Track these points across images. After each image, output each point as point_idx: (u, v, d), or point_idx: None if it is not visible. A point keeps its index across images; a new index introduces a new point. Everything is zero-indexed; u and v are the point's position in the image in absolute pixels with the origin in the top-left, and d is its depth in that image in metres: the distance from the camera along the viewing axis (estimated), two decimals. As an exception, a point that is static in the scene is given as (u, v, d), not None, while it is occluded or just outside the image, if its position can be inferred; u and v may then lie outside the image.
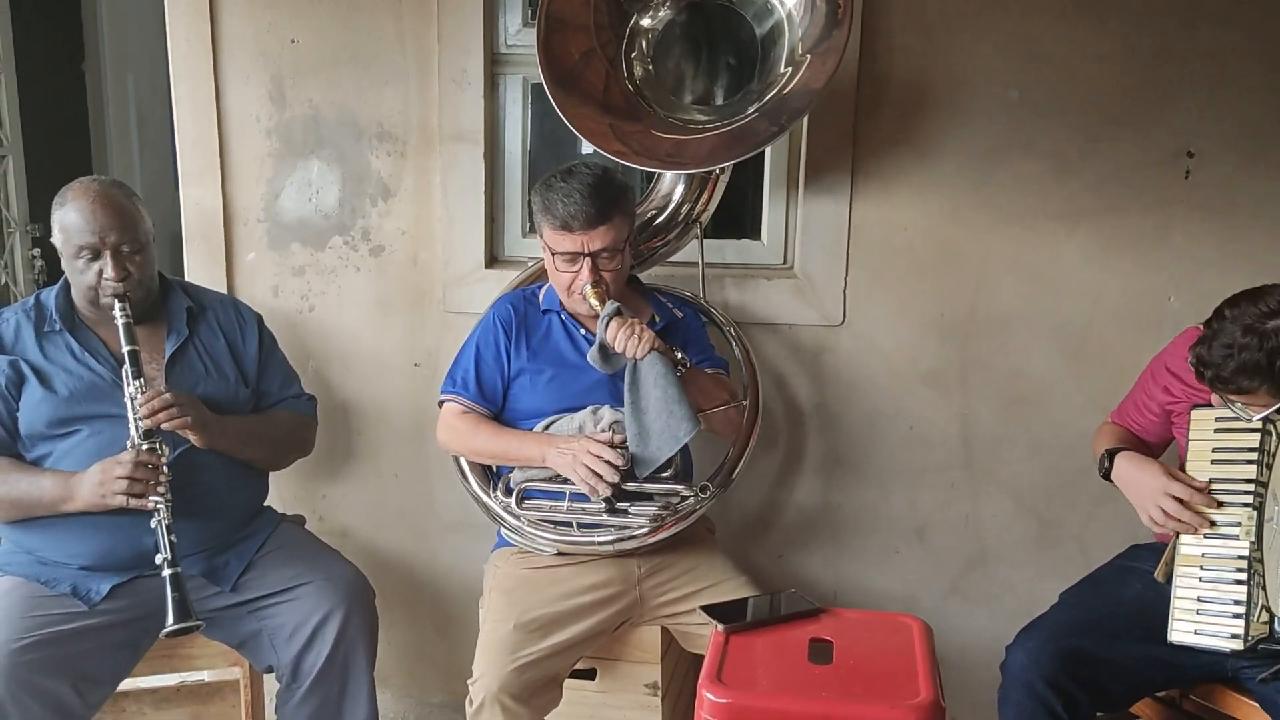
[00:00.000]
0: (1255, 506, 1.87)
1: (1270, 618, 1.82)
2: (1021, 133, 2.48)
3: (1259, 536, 1.86)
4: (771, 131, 2.16)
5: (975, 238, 2.54)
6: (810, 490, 2.70)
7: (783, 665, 1.75)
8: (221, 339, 2.31)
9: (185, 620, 1.93)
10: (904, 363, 2.62)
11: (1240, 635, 1.84)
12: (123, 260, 2.13)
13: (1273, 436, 1.87)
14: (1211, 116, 2.44)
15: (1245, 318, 1.80)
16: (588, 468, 2.05)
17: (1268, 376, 1.80)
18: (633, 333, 2.06)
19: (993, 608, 2.67)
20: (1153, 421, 2.19)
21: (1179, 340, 2.15)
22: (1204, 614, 1.89)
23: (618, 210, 2.13)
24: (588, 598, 2.13)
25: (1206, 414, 1.96)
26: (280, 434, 2.35)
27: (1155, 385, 2.16)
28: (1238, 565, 1.87)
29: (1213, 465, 1.94)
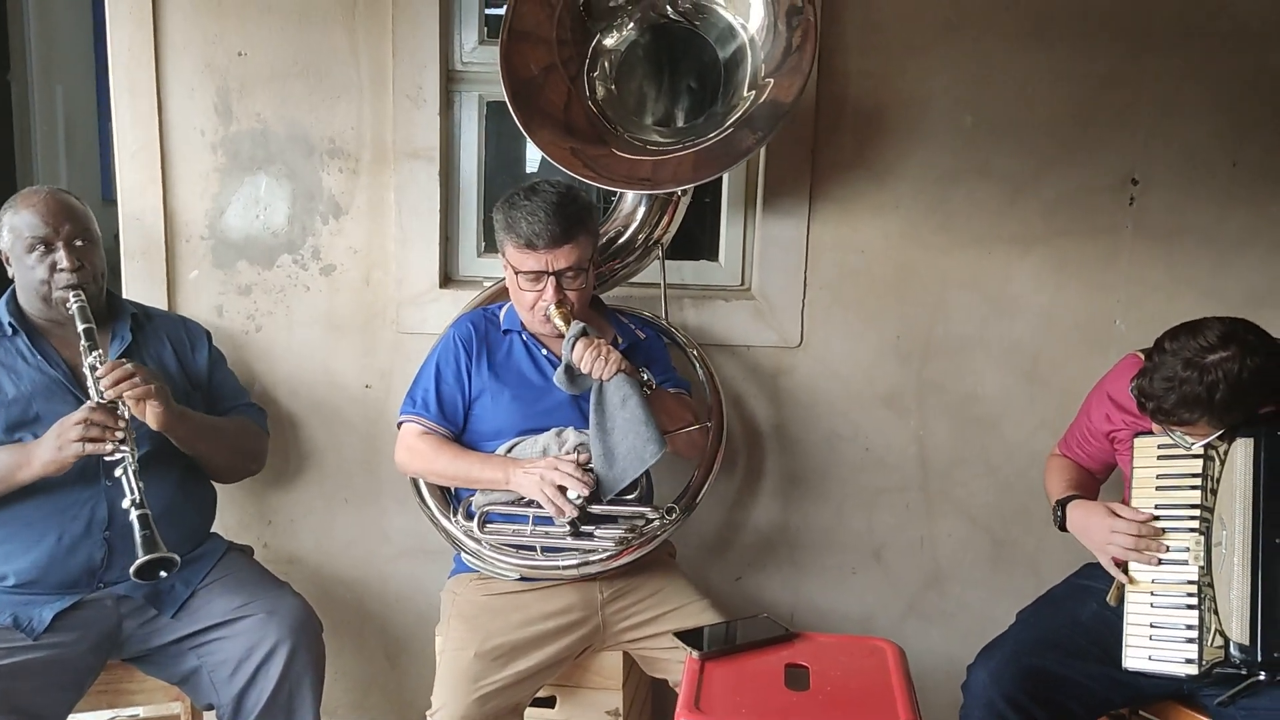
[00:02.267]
0: (1202, 532, 1.90)
1: (1225, 641, 1.84)
2: (976, 157, 2.51)
3: (1208, 561, 1.89)
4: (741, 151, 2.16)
5: (932, 260, 2.56)
6: (768, 512, 2.69)
7: (760, 691, 1.73)
8: (169, 347, 2.29)
9: (153, 552, 1.86)
10: (861, 384, 2.63)
11: (1194, 660, 1.87)
12: (76, 252, 2.12)
13: (1215, 462, 1.90)
14: (1157, 143, 2.50)
15: (1185, 351, 1.83)
16: (556, 487, 2.02)
17: (1208, 409, 1.83)
18: (600, 354, 2.03)
19: (948, 627, 2.68)
20: (1098, 450, 2.22)
21: (1119, 368, 2.19)
22: (1157, 640, 1.92)
23: (582, 229, 2.10)
24: (551, 624, 2.09)
25: (1149, 441, 2.00)
26: (235, 434, 2.31)
27: (1097, 414, 2.19)
28: (1188, 590, 1.90)
29: (1158, 492, 1.97)
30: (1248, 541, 1.84)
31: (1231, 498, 1.87)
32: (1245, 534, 1.84)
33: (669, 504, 2.16)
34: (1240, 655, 1.82)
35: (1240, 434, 1.88)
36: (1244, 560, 1.84)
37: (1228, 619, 1.85)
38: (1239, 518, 1.85)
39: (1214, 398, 1.80)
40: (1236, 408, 1.82)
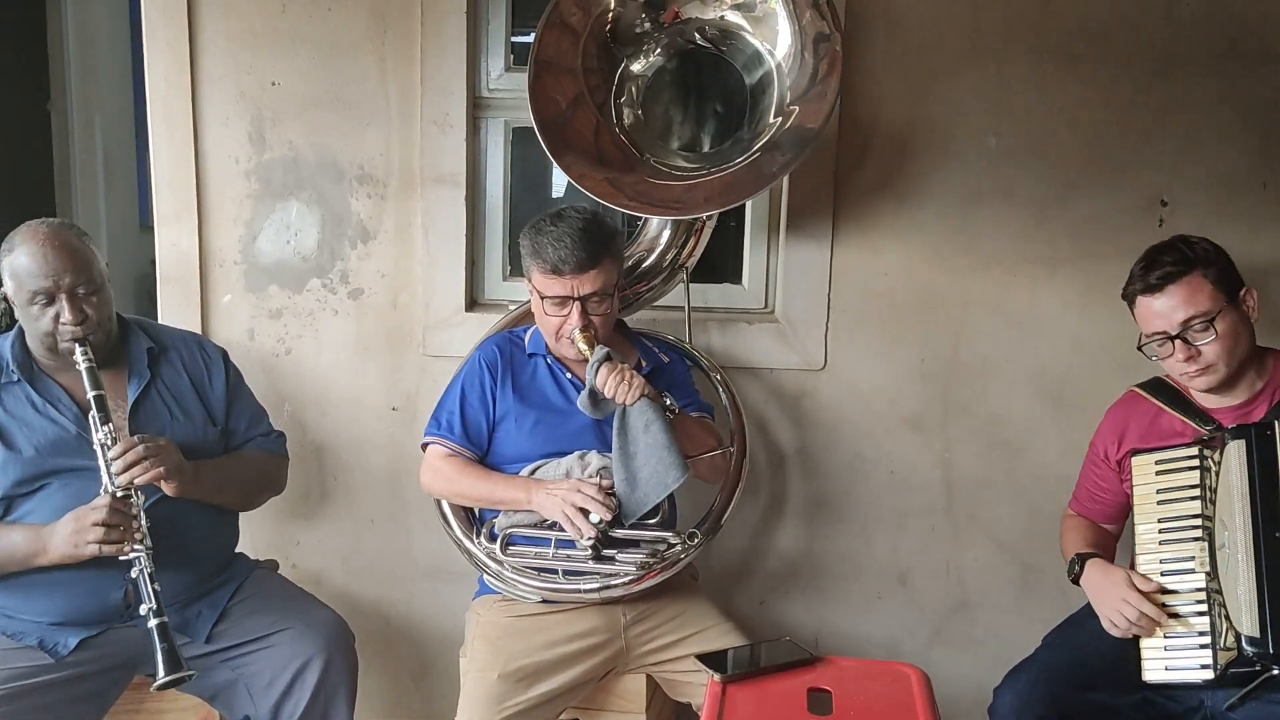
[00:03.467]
0: (1205, 539, 1.91)
1: (1237, 638, 1.84)
2: (1000, 179, 2.51)
3: (1214, 565, 1.90)
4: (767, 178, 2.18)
5: (955, 282, 2.56)
6: (792, 536, 2.68)
7: (782, 715, 1.73)
8: (186, 378, 2.23)
9: (176, 671, 1.85)
10: (885, 406, 2.62)
11: (1210, 665, 1.86)
12: (79, 302, 2.03)
13: (1211, 472, 1.93)
14: (1184, 165, 2.50)
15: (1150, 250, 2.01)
16: (576, 508, 2.03)
17: (1178, 253, 1.96)
18: (623, 378, 2.05)
19: (976, 654, 2.66)
20: (1108, 495, 2.20)
21: (1117, 403, 2.21)
22: (1171, 649, 1.92)
23: (608, 254, 2.12)
24: (574, 646, 2.09)
25: (1145, 459, 2.02)
26: (252, 474, 2.29)
27: (1100, 453, 2.19)
28: (1197, 598, 1.91)
29: (1159, 506, 1.99)
30: (1250, 539, 1.85)
31: (1230, 499, 1.89)
32: (1247, 532, 1.85)
33: (691, 529, 2.16)
34: (1252, 649, 1.82)
35: (1231, 436, 1.90)
36: (1248, 557, 1.85)
37: (1238, 616, 1.85)
38: (1239, 517, 1.87)
39: (1178, 243, 1.98)
40: (1203, 251, 1.97)
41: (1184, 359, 1.96)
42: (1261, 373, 2.02)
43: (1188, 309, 1.94)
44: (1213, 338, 1.93)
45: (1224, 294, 1.95)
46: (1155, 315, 1.97)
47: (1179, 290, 1.94)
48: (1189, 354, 1.96)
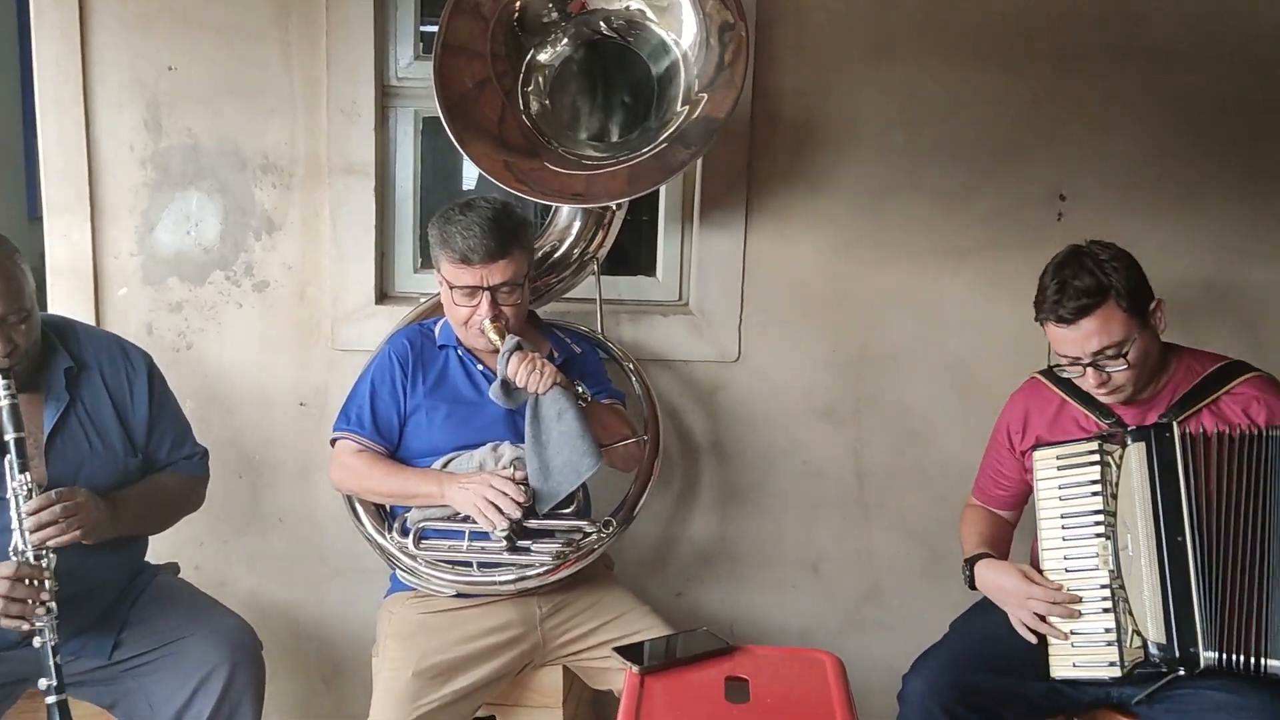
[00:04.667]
0: (1108, 537, 1.93)
1: (1143, 641, 1.88)
2: (909, 172, 2.56)
3: (1117, 565, 1.91)
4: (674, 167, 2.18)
5: (866, 274, 2.60)
6: (706, 525, 2.69)
7: (700, 705, 1.72)
8: (107, 401, 2.05)
9: None
10: (798, 398, 2.65)
11: (1117, 662, 1.89)
12: (8, 331, 1.84)
13: (1112, 468, 1.94)
14: (1083, 159, 2.56)
15: (1057, 259, 1.98)
16: (489, 501, 2.00)
17: (1100, 289, 1.90)
18: (535, 367, 2.03)
19: (887, 639, 2.70)
20: (1007, 486, 2.24)
21: (1020, 390, 2.23)
22: (1079, 646, 1.94)
23: (517, 244, 2.10)
24: (489, 640, 2.07)
25: (1047, 453, 2.02)
26: (172, 501, 2.16)
27: (1004, 441, 2.22)
28: (1103, 595, 1.92)
29: (1061, 502, 1.99)
30: (1152, 543, 1.88)
31: (1131, 501, 1.91)
32: (1149, 536, 1.88)
33: (606, 517, 2.16)
34: (1159, 654, 1.86)
35: (1132, 439, 1.93)
36: (1151, 561, 1.88)
37: (1143, 619, 1.88)
38: (1141, 521, 1.90)
39: (1090, 266, 1.92)
40: (1115, 275, 1.91)
41: (1095, 384, 1.97)
42: (1164, 371, 2.04)
43: (1100, 340, 1.92)
44: (1124, 366, 1.93)
45: (1136, 319, 1.93)
46: (1067, 343, 1.96)
47: (1091, 323, 1.92)
48: (1100, 379, 1.96)
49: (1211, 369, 2.03)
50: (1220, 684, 1.85)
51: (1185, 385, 2.02)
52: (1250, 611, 1.83)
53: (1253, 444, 1.88)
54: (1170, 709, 1.90)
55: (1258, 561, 1.84)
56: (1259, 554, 1.84)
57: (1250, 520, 1.85)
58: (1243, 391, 1.99)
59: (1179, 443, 1.90)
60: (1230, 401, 1.99)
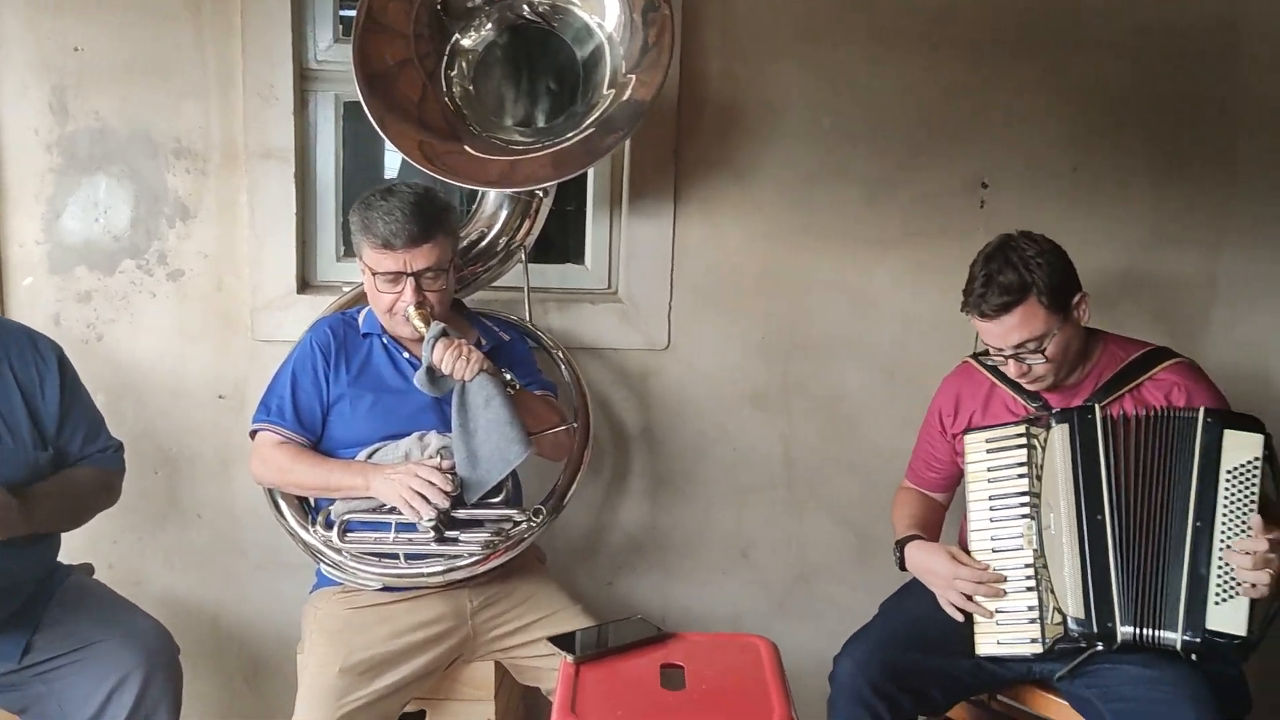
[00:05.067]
0: (1033, 517, 1.98)
1: (1063, 617, 1.92)
2: (836, 159, 2.57)
3: (1041, 544, 1.96)
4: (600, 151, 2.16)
5: (795, 261, 2.60)
6: (637, 514, 2.68)
7: (636, 693, 1.71)
8: (17, 394, 1.98)
9: None
10: (728, 385, 2.65)
11: (1039, 639, 1.94)
12: None
13: (1038, 450, 1.99)
14: (1004, 149, 2.60)
15: (978, 261, 2.02)
16: (415, 491, 1.97)
17: (1022, 286, 1.95)
18: (460, 354, 1.99)
19: (816, 623, 2.71)
20: (940, 471, 2.28)
21: (952, 374, 2.28)
22: (1002, 624, 1.98)
23: (440, 229, 2.07)
24: (418, 635, 2.03)
25: (977, 436, 2.08)
26: (86, 497, 2.08)
27: (936, 424, 2.26)
28: (1026, 574, 1.97)
29: (990, 484, 2.04)
30: (1073, 522, 1.93)
31: (1055, 482, 1.96)
32: (1071, 515, 1.93)
33: (536, 506, 2.13)
34: (1078, 629, 1.90)
35: (1056, 421, 1.98)
36: (1072, 539, 1.93)
37: (1063, 596, 1.92)
38: (1063, 500, 1.94)
39: (1015, 261, 1.96)
40: (1039, 270, 1.95)
41: (1015, 374, 2.04)
42: (1088, 357, 2.09)
43: (1020, 335, 1.97)
44: (1042, 360, 1.99)
45: (1058, 313, 1.98)
46: (990, 335, 2.02)
47: (1012, 319, 1.97)
48: (1020, 370, 2.02)
49: (1135, 355, 2.09)
50: (1138, 658, 1.90)
51: (1110, 371, 2.07)
52: (1158, 586, 1.89)
53: (1159, 424, 1.93)
54: (1090, 684, 1.94)
55: (1167, 538, 1.89)
56: (1168, 531, 1.90)
57: (1162, 498, 1.91)
58: (1165, 378, 2.04)
59: (1100, 425, 1.94)
60: (1153, 387, 2.04)
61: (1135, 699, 1.87)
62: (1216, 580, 1.84)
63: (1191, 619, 1.85)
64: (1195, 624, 1.84)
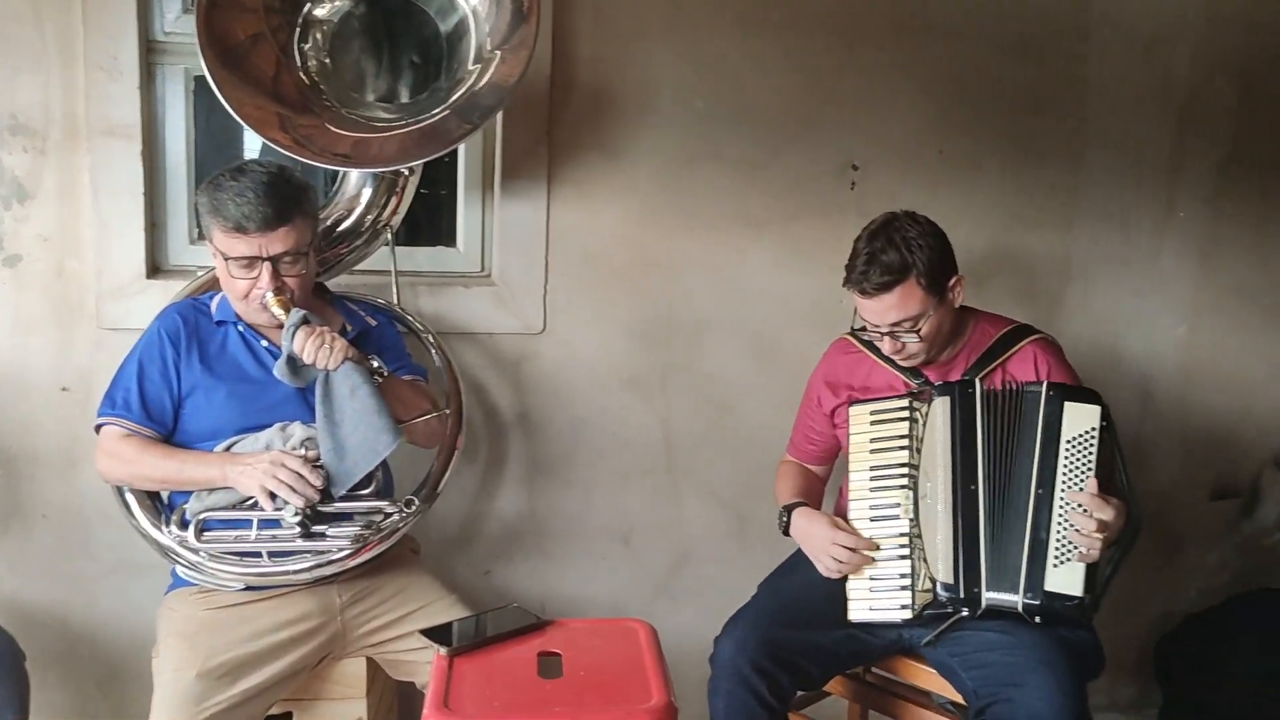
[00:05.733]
0: (911, 487, 2.04)
1: (933, 583, 1.98)
2: (709, 142, 2.56)
3: (916, 513, 2.03)
4: (465, 129, 2.10)
5: (671, 244, 2.59)
6: (515, 501, 2.64)
7: (512, 684, 1.68)
8: None
9: None
10: (605, 369, 2.62)
11: (909, 605, 2.00)
12: None
13: (919, 422, 2.05)
14: (872, 130, 2.63)
15: (861, 238, 2.07)
16: (281, 482, 1.88)
17: (903, 267, 2.00)
18: (323, 342, 1.91)
19: (698, 605, 2.71)
20: (822, 439, 2.32)
21: (829, 350, 2.32)
22: (876, 591, 2.04)
23: (298, 211, 1.97)
24: (284, 634, 1.95)
25: (861, 409, 2.13)
26: None
27: (814, 399, 2.30)
28: (900, 543, 2.03)
29: (871, 455, 2.10)
30: (949, 491, 2.00)
31: (933, 452, 2.02)
32: (946, 484, 2.00)
33: (408, 496, 2.07)
34: (946, 594, 1.97)
35: (937, 393, 2.04)
36: (946, 508, 1.99)
37: (934, 562, 1.99)
38: (940, 470, 2.01)
39: (898, 241, 2.01)
40: (920, 252, 2.01)
41: (890, 350, 2.09)
42: (961, 335, 2.16)
43: (897, 314, 2.03)
44: (916, 339, 2.05)
45: (934, 295, 2.04)
46: (868, 311, 2.07)
47: (891, 298, 2.02)
48: (895, 347, 2.08)
49: (1003, 332, 2.17)
50: (997, 625, 1.97)
51: (981, 347, 2.15)
52: (1006, 551, 1.96)
53: (1013, 398, 2.02)
54: (953, 651, 2.01)
55: (1017, 505, 1.98)
56: (1018, 498, 1.98)
57: (1014, 468, 1.99)
58: (1028, 352, 2.13)
59: (980, 398, 2.02)
60: (1018, 362, 2.13)
61: (992, 664, 1.94)
62: (1055, 544, 1.94)
63: (1031, 581, 1.94)
64: (1035, 585, 1.93)
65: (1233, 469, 3.02)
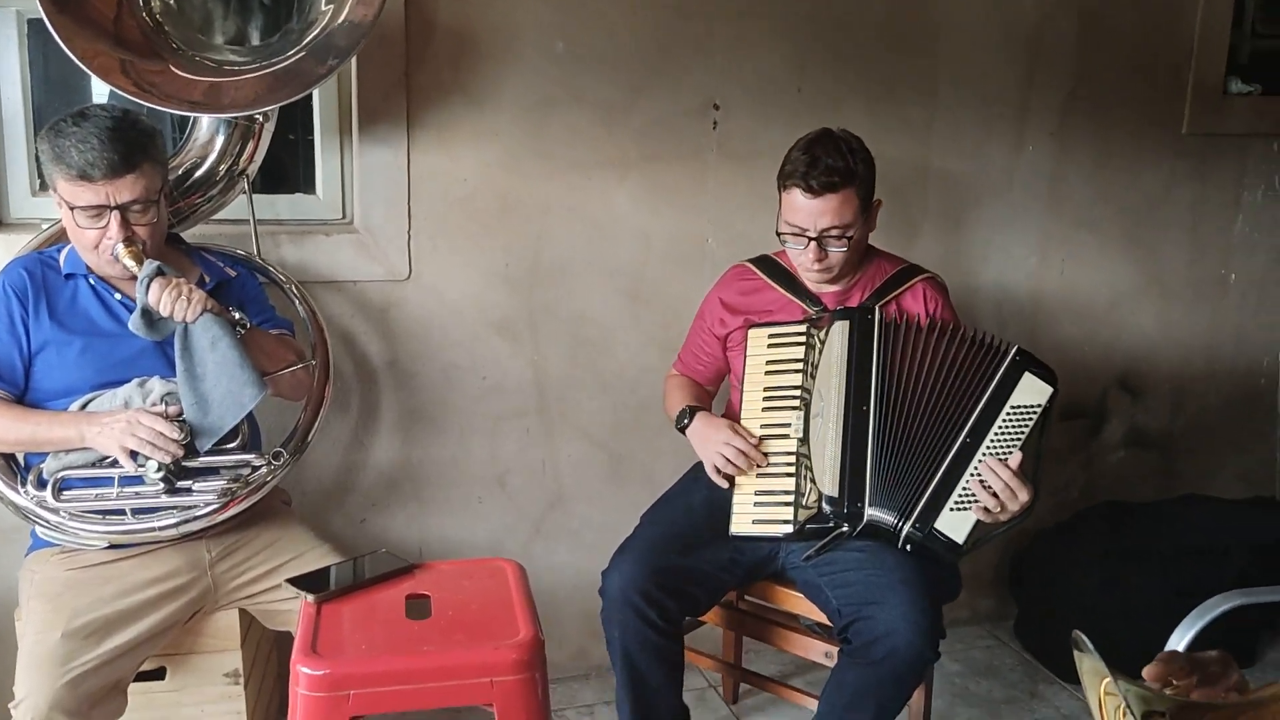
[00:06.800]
0: (803, 409, 2.12)
1: (818, 498, 2.05)
2: (570, 84, 2.56)
3: (806, 433, 2.10)
4: (322, 72, 2.05)
5: (534, 187, 2.59)
6: (388, 449, 2.63)
7: (380, 626, 1.70)
8: None
9: None
10: (474, 314, 2.62)
11: (791, 520, 2.07)
12: None
13: (816, 347, 2.13)
14: (732, 71, 2.67)
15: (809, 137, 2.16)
16: (141, 440, 1.85)
17: (848, 173, 2.08)
18: (180, 293, 1.87)
19: (575, 543, 2.77)
20: (711, 359, 2.39)
21: (728, 275, 2.38)
22: (760, 506, 2.11)
23: (145, 157, 1.91)
24: (151, 591, 1.93)
25: (760, 332, 2.20)
26: None
27: (711, 319, 2.35)
28: (788, 461, 2.11)
29: (767, 376, 2.17)
30: (841, 410, 2.07)
31: (829, 374, 2.10)
32: (839, 405, 2.07)
33: (276, 449, 2.06)
34: (829, 508, 2.04)
35: (837, 318, 2.12)
36: (838, 427, 2.06)
37: (821, 478, 2.06)
38: (834, 391, 2.08)
39: (843, 148, 2.11)
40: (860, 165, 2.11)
41: (813, 259, 2.14)
42: (860, 266, 2.26)
43: (833, 219, 2.09)
44: (844, 249, 2.12)
45: (864, 210, 2.13)
46: (803, 213, 2.11)
47: (832, 200, 2.07)
48: (819, 256, 2.13)
49: (898, 269, 2.28)
50: (864, 547, 2.06)
51: (877, 280, 2.25)
52: (909, 480, 2.03)
53: (970, 344, 2.08)
54: (821, 571, 2.10)
55: (935, 440, 2.04)
56: (938, 434, 2.04)
57: (942, 404, 2.06)
58: (920, 290, 2.24)
59: (878, 325, 2.09)
60: (910, 297, 2.24)
61: (856, 583, 2.04)
62: (961, 491, 2.00)
63: (924, 515, 2.01)
64: (925, 521, 2.01)
65: (1080, 391, 3.20)
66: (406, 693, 1.57)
